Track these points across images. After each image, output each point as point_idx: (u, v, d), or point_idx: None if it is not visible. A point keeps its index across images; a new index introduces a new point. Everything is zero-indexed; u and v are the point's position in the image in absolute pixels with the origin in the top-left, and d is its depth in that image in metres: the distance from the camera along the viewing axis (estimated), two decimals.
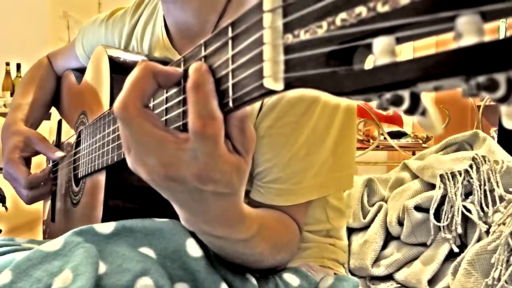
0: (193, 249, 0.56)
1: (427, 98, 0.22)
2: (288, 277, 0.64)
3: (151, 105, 0.43)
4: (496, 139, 1.71)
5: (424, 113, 0.22)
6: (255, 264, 0.60)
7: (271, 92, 0.30)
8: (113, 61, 0.72)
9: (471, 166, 1.11)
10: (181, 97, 0.39)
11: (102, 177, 0.69)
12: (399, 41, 0.22)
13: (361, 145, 2.37)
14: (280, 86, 0.29)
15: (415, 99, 0.22)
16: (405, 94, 0.22)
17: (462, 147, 1.27)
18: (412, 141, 2.58)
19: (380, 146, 2.43)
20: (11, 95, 3.27)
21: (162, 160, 0.38)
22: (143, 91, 0.38)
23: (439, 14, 0.20)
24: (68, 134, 0.95)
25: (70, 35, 3.73)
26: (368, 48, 0.23)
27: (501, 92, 0.19)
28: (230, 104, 0.34)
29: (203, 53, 0.37)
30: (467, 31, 0.19)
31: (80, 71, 0.99)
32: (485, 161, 1.11)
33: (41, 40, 3.39)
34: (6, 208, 1.42)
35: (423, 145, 2.50)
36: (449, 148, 1.27)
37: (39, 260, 0.51)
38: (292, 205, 0.66)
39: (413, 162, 1.27)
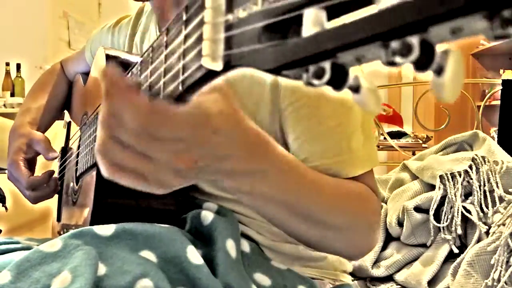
0: (194, 257, 0.55)
1: (360, 75, 0.22)
2: None
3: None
4: (496, 139, 1.71)
5: (357, 89, 0.23)
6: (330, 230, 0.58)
7: (212, 73, 0.30)
8: (109, 59, 0.73)
9: (470, 167, 1.11)
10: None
11: (93, 174, 0.69)
12: (329, 12, 0.22)
13: None
14: (219, 65, 0.29)
15: (339, 71, 0.22)
16: (326, 65, 0.22)
17: (462, 148, 1.27)
18: (412, 141, 2.58)
19: (380, 146, 2.44)
20: (11, 95, 3.27)
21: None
22: None
23: None
24: (76, 136, 0.97)
25: (70, 35, 3.72)
26: (300, 22, 0.23)
27: (414, 55, 0.19)
28: (180, 87, 0.34)
29: (165, 39, 0.37)
30: None
31: (88, 74, 1.02)
32: (484, 161, 1.11)
33: (41, 40, 3.39)
34: (6, 208, 1.42)
35: (423, 145, 2.50)
36: (449, 149, 1.27)
37: (38, 261, 0.51)
38: None
39: (412, 162, 1.27)
